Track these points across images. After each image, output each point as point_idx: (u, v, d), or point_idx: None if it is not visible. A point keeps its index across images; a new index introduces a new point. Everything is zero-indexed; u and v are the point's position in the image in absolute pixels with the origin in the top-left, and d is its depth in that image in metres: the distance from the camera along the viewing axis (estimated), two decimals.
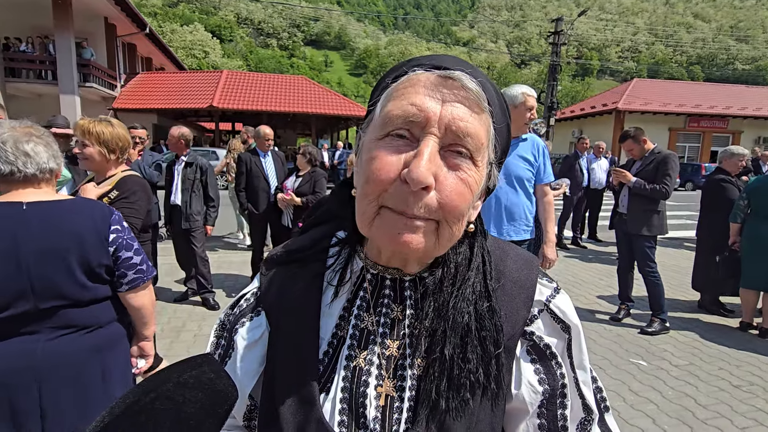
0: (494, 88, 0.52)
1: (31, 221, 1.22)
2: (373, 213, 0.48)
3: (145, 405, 0.35)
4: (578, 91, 61.09)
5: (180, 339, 3.41)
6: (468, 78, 0.47)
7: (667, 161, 3.68)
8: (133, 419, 0.34)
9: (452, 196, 0.46)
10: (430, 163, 0.44)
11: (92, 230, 1.31)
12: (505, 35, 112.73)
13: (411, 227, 0.46)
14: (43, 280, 1.21)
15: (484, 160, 0.49)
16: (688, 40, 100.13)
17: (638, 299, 4.16)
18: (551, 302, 0.57)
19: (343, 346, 0.55)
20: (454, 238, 0.50)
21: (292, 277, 0.59)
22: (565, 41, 18.92)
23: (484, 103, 0.47)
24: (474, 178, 0.47)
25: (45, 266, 1.22)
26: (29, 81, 15.03)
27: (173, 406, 0.35)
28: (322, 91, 20.26)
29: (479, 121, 0.47)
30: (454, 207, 0.46)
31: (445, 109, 0.46)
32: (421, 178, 0.43)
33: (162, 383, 0.36)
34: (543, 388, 0.55)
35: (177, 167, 4.06)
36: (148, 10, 69.02)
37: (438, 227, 0.47)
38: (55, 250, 1.23)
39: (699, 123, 23.21)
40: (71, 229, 1.27)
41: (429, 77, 0.47)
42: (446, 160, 0.46)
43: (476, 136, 0.46)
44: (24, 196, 1.25)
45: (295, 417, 0.51)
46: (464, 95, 0.46)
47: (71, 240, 1.26)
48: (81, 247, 1.27)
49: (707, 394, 2.82)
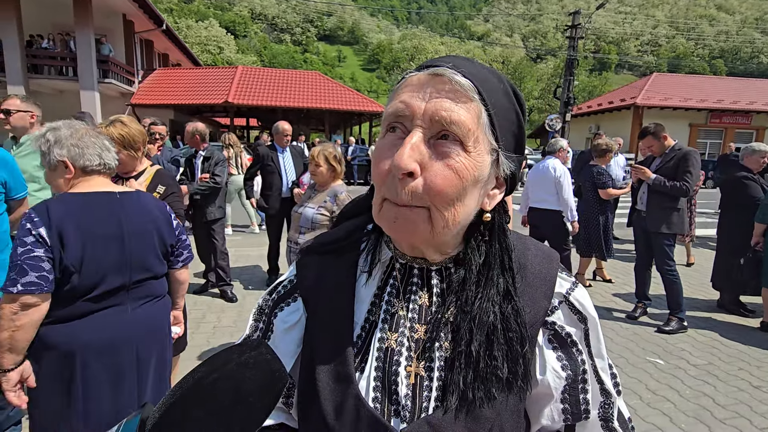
0: (498, 79, 0.54)
1: (126, 207, 1.46)
2: (378, 205, 0.53)
3: (210, 382, 0.38)
4: (595, 86, 59.91)
5: (200, 330, 3.50)
6: (453, 72, 0.50)
7: (688, 158, 3.62)
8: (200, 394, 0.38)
9: (437, 181, 0.48)
10: (411, 151, 0.48)
11: (163, 216, 1.58)
12: (521, 29, 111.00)
13: (402, 214, 0.50)
14: (137, 257, 1.46)
15: (479, 146, 0.50)
16: (711, 33, 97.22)
17: (655, 297, 4.11)
18: (570, 295, 0.60)
19: (375, 329, 0.59)
20: (452, 224, 0.51)
21: (328, 266, 0.63)
22: (582, 35, 18.53)
23: (471, 93, 0.49)
24: (463, 164, 0.49)
25: (139, 245, 1.47)
26: (51, 77, 15.38)
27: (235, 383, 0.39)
28: (336, 87, 20.29)
29: (465, 110, 0.49)
30: (439, 191, 0.48)
31: (430, 102, 0.49)
32: (401, 164, 0.47)
33: (225, 363, 0.40)
34: (566, 374, 0.58)
35: (196, 162, 4.14)
36: (164, 6, 69.79)
37: (430, 214, 0.50)
38: (144, 231, 1.49)
39: (721, 119, 22.56)
40: (151, 214, 1.53)
41: (420, 77, 0.51)
42: (435, 148, 0.49)
43: (461, 123, 0.48)
44: (100, 187, 1.46)
45: (333, 394, 0.55)
46: (449, 88, 0.49)
47: (152, 223, 1.53)
48: (158, 229, 1.54)
49: (726, 394, 2.79)
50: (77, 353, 1.35)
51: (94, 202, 1.41)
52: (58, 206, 1.35)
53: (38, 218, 1.30)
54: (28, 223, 1.30)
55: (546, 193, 4.23)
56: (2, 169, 2.01)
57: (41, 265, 1.27)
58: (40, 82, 15.23)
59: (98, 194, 1.43)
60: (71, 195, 1.41)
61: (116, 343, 1.41)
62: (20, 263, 1.25)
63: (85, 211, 1.38)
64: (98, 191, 1.44)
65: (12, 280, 1.25)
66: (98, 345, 1.38)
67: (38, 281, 1.26)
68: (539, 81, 63.00)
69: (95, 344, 1.37)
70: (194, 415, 0.37)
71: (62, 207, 1.35)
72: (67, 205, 1.37)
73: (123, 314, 1.44)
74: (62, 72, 15.50)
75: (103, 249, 1.38)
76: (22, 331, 1.26)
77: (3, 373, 1.29)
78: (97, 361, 1.37)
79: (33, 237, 1.28)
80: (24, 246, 1.27)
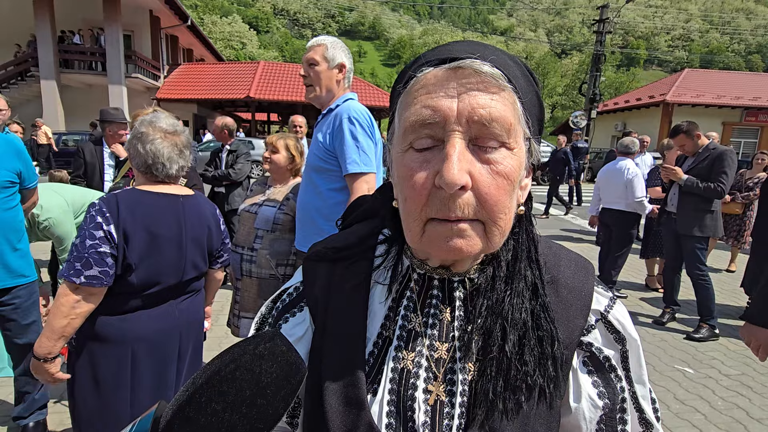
0: (514, 61, 0.49)
1: (187, 212, 1.52)
2: (419, 229, 0.47)
3: (227, 374, 0.36)
4: (623, 82, 58.14)
5: (219, 323, 3.54)
6: (478, 62, 0.44)
7: (723, 158, 3.44)
8: (217, 387, 0.36)
9: (491, 191, 0.44)
10: (460, 162, 0.42)
11: (215, 220, 1.65)
12: (546, 23, 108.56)
13: (458, 232, 0.45)
14: (191, 259, 1.52)
15: (519, 140, 0.46)
16: (748, 27, 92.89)
17: (684, 303, 3.95)
18: (609, 313, 0.54)
19: (389, 347, 0.53)
20: (506, 231, 0.48)
21: (339, 275, 0.58)
22: (610, 29, 17.97)
23: (503, 81, 0.44)
24: (511, 165, 0.45)
25: (193, 248, 1.53)
26: (81, 72, 15.88)
27: (252, 376, 0.37)
28: (356, 82, 20.28)
29: (502, 102, 0.44)
30: (495, 202, 0.44)
31: (462, 101, 0.43)
32: (455, 180, 0.42)
33: (240, 355, 0.37)
34: (603, 402, 0.52)
35: (222, 155, 4.20)
36: (190, 2, 71.14)
37: (485, 227, 0.46)
38: (199, 235, 1.55)
39: (757, 117, 21.56)
40: (206, 218, 1.59)
41: (437, 74, 0.45)
42: (477, 154, 0.44)
43: (502, 118, 0.44)
44: (166, 189, 1.50)
45: (342, 419, 0.50)
46: (478, 80, 0.44)
47: (205, 226, 1.59)
48: (209, 233, 1.61)
49: (761, 407, 2.65)
50: (129, 345, 1.41)
51: (160, 204, 1.45)
52: (128, 204, 1.37)
53: (109, 213, 1.33)
54: (99, 217, 1.32)
55: (618, 194, 4.18)
56: (17, 159, 1.98)
57: (106, 260, 1.31)
58: (71, 77, 15.75)
59: (165, 196, 1.47)
60: (141, 193, 1.44)
61: (163, 335, 1.48)
62: (87, 256, 1.29)
63: (152, 212, 1.42)
64: (166, 193, 1.48)
65: (76, 270, 1.28)
66: (148, 337, 1.44)
67: (100, 275, 1.30)
68: (563, 77, 61.59)
69: (146, 337, 1.43)
70: (211, 409, 0.35)
71: (131, 205, 1.38)
72: (136, 204, 1.39)
73: (171, 308, 1.51)
74: (92, 67, 15.99)
75: (164, 250, 1.42)
76: (78, 320, 1.32)
77: (52, 360, 1.34)
78: (146, 353, 1.44)
79: (102, 233, 1.31)
80: (93, 239, 1.30)
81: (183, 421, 0.35)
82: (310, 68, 1.85)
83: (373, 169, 1.79)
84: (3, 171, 1.90)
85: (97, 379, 1.40)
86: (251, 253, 2.21)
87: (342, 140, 1.74)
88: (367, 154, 1.76)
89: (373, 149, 1.81)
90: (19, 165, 1.98)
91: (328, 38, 1.89)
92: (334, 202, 1.83)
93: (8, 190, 1.94)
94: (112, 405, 1.41)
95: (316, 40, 1.89)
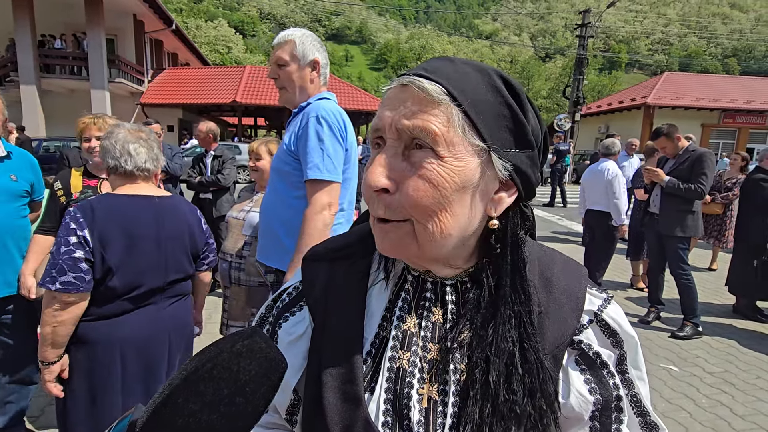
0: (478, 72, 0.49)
1: (164, 211, 1.50)
2: (372, 224, 0.52)
3: (204, 374, 0.36)
4: (605, 86, 59.27)
5: (206, 330, 3.47)
6: (420, 79, 0.47)
7: (703, 159, 3.53)
8: (194, 387, 0.35)
9: (410, 193, 0.47)
10: (380, 166, 0.48)
11: (195, 220, 1.63)
12: (529, 28, 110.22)
13: (385, 231, 0.49)
14: (172, 259, 1.51)
15: (455, 150, 0.46)
16: (724, 32, 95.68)
17: (668, 302, 4.03)
18: (603, 312, 0.55)
19: (386, 346, 0.54)
20: (440, 237, 0.48)
21: (338, 275, 0.58)
22: (592, 34, 18.31)
23: (438, 95, 0.46)
24: (437, 171, 0.46)
25: (174, 248, 1.51)
26: (63, 77, 15.58)
27: (230, 374, 0.36)
28: (343, 86, 20.30)
29: (431, 114, 0.46)
30: (413, 203, 0.47)
31: (397, 112, 0.48)
32: (370, 181, 0.47)
33: (218, 353, 0.37)
34: (594, 398, 0.52)
35: (206, 161, 4.15)
36: (174, 6, 70.44)
37: (413, 227, 0.48)
38: (179, 235, 1.54)
39: (734, 119, 22.18)
40: (185, 218, 1.58)
41: (392, 89, 0.50)
42: (409, 159, 0.48)
43: (425, 129, 0.46)
44: (141, 190, 1.49)
45: (341, 416, 0.51)
46: (415, 95, 0.47)
47: (186, 226, 1.57)
48: (191, 233, 1.59)
49: (744, 404, 2.71)
50: (117, 349, 1.41)
51: (136, 205, 1.45)
52: (103, 208, 1.38)
53: (83, 219, 1.33)
54: (72, 223, 1.33)
55: (600, 195, 4.22)
56: (30, 172, 2.10)
57: (80, 266, 1.31)
58: (52, 82, 15.43)
59: (140, 197, 1.47)
60: (115, 196, 1.45)
61: (151, 339, 1.49)
62: (61, 263, 1.30)
63: (128, 213, 1.42)
64: (140, 195, 1.48)
65: (51, 277, 1.30)
66: (136, 341, 1.44)
67: (75, 281, 1.30)
68: (548, 80, 62.52)
69: (133, 341, 1.44)
70: (188, 409, 0.35)
71: (106, 209, 1.38)
72: (111, 207, 1.40)
73: (157, 312, 1.51)
74: (73, 71, 15.69)
75: (143, 251, 1.43)
76: (63, 327, 1.33)
77: (47, 365, 1.36)
78: (134, 357, 1.44)
79: (76, 238, 1.31)
80: (67, 245, 1.31)
81: (160, 423, 0.35)
82: (280, 69, 1.63)
83: (337, 177, 1.55)
84: (21, 181, 2.01)
85: (85, 384, 1.42)
86: (240, 261, 2.18)
87: (306, 141, 1.53)
88: (332, 160, 1.52)
89: (341, 155, 1.57)
90: (32, 177, 2.10)
91: (296, 32, 1.64)
92: (296, 211, 1.57)
93: (23, 200, 2.05)
94: (100, 410, 1.42)
95: (282, 36, 1.65)
